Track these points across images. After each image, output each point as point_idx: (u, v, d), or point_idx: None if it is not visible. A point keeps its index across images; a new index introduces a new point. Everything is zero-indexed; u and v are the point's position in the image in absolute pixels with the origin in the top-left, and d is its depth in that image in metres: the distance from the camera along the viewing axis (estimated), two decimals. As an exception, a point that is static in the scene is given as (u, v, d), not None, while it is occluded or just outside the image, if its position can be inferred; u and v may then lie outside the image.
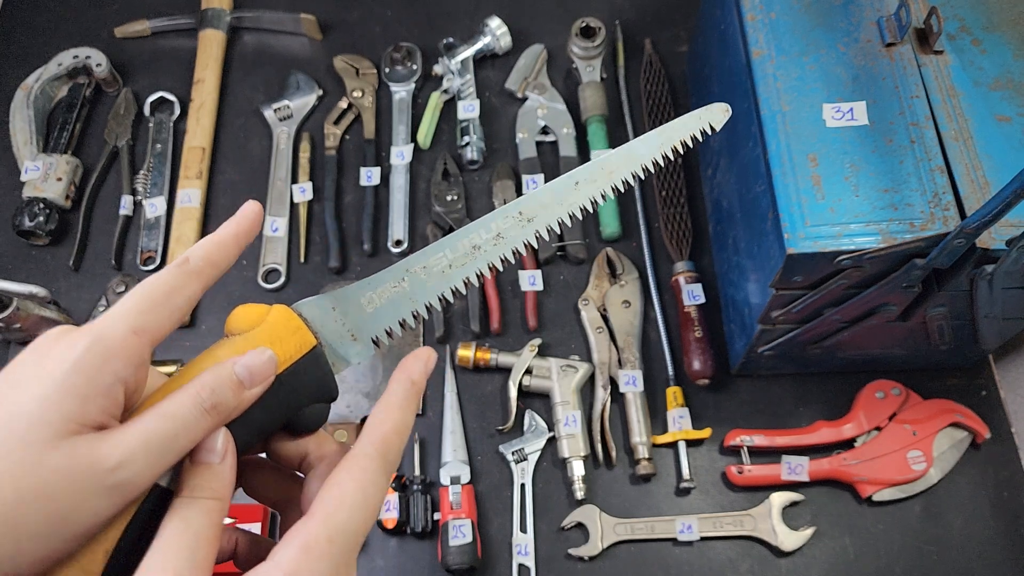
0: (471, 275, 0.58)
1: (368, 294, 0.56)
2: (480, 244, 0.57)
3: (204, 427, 0.45)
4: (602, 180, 0.61)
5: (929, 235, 0.88)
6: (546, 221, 0.59)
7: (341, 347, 0.55)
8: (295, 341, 0.51)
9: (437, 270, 0.57)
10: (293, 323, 0.52)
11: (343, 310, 0.55)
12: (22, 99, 1.47)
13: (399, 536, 1.19)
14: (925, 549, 1.16)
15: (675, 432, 1.21)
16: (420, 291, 0.57)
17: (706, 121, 0.64)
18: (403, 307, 0.57)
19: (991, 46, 1.02)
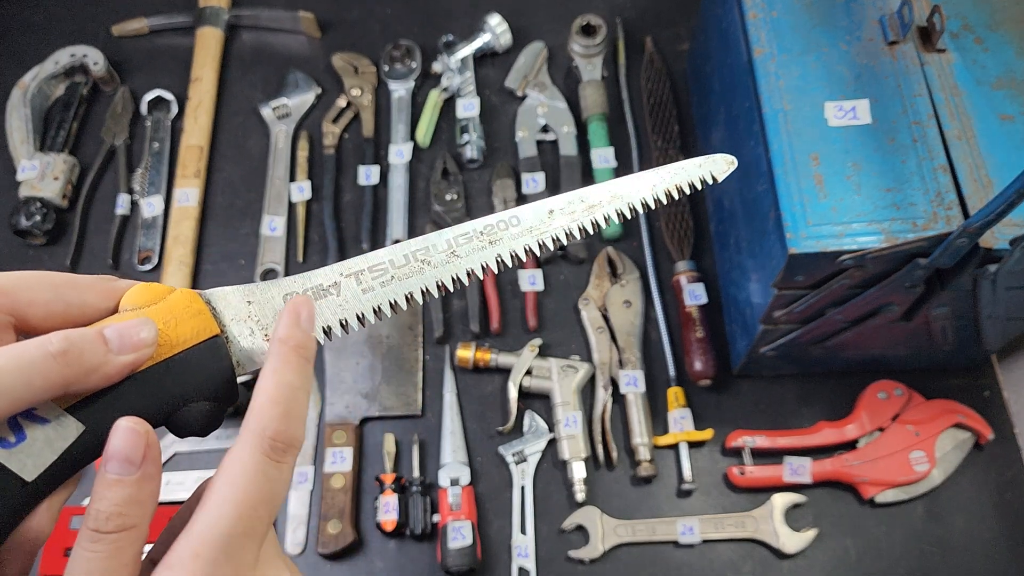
0: (415, 289, 0.53)
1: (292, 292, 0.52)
2: (430, 259, 0.53)
3: (51, 372, 0.40)
4: (580, 213, 0.56)
5: (932, 234, 0.88)
6: (510, 246, 0.55)
7: (250, 345, 0.50)
8: (193, 325, 0.47)
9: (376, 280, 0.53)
10: (195, 306, 0.48)
11: (260, 305, 0.51)
12: (19, 98, 1.46)
13: (398, 538, 1.18)
14: (928, 551, 1.15)
15: (676, 433, 1.21)
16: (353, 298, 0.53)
17: (707, 170, 0.60)
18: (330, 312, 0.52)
19: (994, 44, 1.01)
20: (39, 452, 0.42)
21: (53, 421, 0.42)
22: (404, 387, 1.27)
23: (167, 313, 0.47)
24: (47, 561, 1.12)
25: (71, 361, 0.41)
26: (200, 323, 0.48)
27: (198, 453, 1.24)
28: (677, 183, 0.59)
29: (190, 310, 0.48)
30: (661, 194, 0.58)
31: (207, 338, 0.48)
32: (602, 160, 1.39)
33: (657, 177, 0.59)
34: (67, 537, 1.13)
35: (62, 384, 0.41)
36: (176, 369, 0.46)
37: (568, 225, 0.56)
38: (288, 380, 0.47)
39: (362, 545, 1.18)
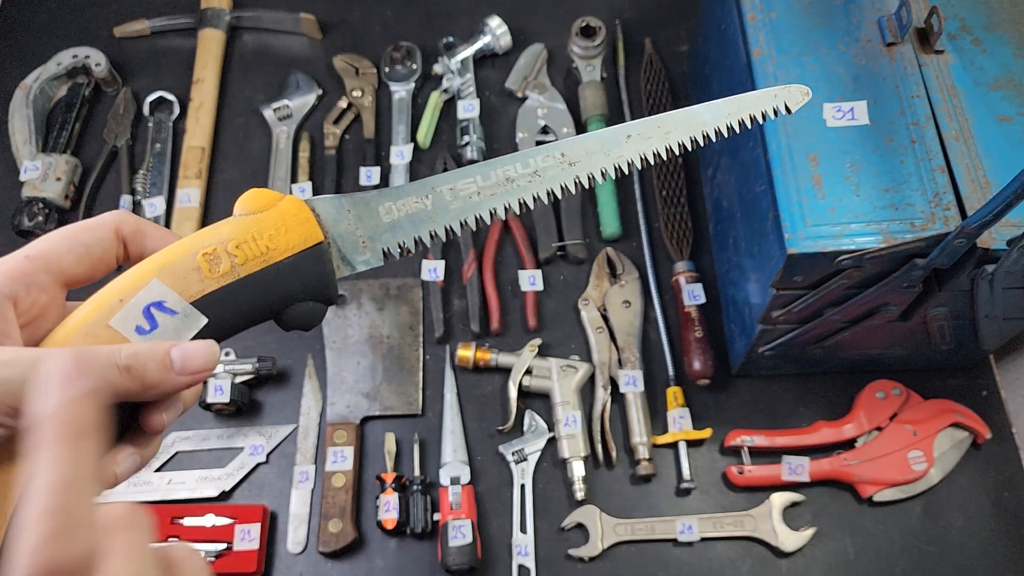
0: (498, 207, 0.56)
1: (388, 204, 0.55)
2: (515, 177, 0.56)
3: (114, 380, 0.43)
4: (656, 138, 0.58)
5: (930, 235, 0.88)
6: (588, 168, 0.57)
7: (349, 250, 0.54)
8: (301, 232, 0.51)
9: (464, 194, 0.56)
10: (303, 214, 0.52)
11: (359, 215, 0.54)
12: (21, 99, 1.47)
13: (399, 537, 1.19)
14: (926, 549, 1.16)
15: (675, 432, 1.21)
16: (442, 212, 0.55)
17: (781, 101, 0.61)
18: (422, 224, 0.55)
19: (992, 46, 1.02)
20: (168, 338, 0.47)
21: (180, 313, 0.48)
22: (405, 387, 1.28)
23: (278, 220, 0.51)
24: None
25: (134, 376, 0.44)
26: (307, 230, 0.51)
27: (199, 452, 1.24)
28: (751, 112, 0.60)
29: (298, 218, 0.51)
30: (735, 123, 0.59)
31: (313, 244, 0.51)
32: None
33: (732, 106, 0.59)
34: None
35: (123, 391, 0.43)
36: (285, 272, 0.50)
37: (643, 150, 0.58)
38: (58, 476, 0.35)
39: (363, 544, 1.19)
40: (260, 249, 0.50)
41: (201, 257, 0.48)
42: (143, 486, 1.21)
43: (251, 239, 0.50)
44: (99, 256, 0.50)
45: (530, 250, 1.35)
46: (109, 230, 0.50)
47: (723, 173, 1.22)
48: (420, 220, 0.55)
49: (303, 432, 1.25)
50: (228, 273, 0.49)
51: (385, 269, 1.36)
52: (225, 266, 0.49)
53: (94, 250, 0.49)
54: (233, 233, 0.49)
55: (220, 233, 0.49)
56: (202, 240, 0.49)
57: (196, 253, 0.48)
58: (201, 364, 0.46)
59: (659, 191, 1.37)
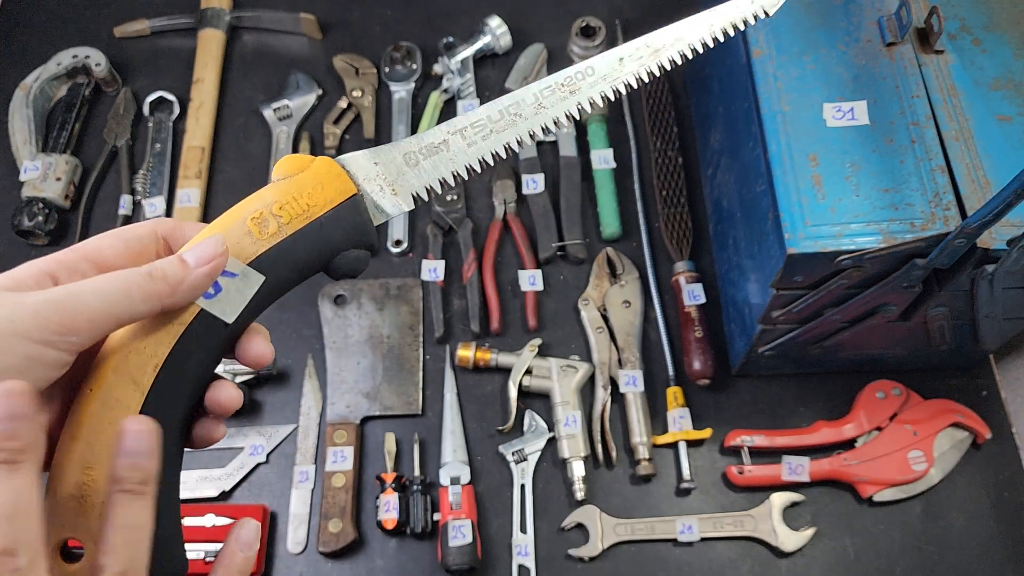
0: (511, 140, 0.60)
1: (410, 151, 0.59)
2: (521, 112, 0.60)
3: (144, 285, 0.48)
4: (647, 58, 0.61)
5: (930, 235, 0.88)
6: (588, 94, 0.60)
7: (381, 199, 0.58)
8: (336, 187, 0.55)
9: (478, 134, 0.60)
10: (335, 170, 0.56)
11: (385, 165, 0.58)
12: (21, 99, 1.47)
13: (399, 537, 1.19)
14: (926, 549, 1.16)
15: (675, 432, 1.21)
16: (461, 153, 0.60)
17: (759, 5, 0.64)
18: (443, 167, 0.59)
19: (992, 46, 1.02)
20: (233, 299, 0.52)
21: (240, 274, 0.52)
22: (405, 387, 1.28)
23: (313, 179, 0.55)
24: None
25: (157, 278, 0.49)
26: (341, 184, 0.55)
27: (199, 453, 1.24)
28: (732, 19, 0.63)
29: (331, 174, 0.55)
30: (719, 32, 0.62)
31: (348, 197, 0.55)
32: (601, 161, 1.39)
33: (713, 17, 0.62)
34: (69, 536, 1.13)
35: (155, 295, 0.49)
36: (327, 225, 0.54)
37: (637, 70, 0.61)
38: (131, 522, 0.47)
39: (363, 544, 1.19)
40: (302, 207, 0.54)
41: (250, 221, 0.52)
42: (143, 486, 1.21)
43: (292, 199, 0.53)
44: (137, 250, 0.54)
45: (530, 250, 1.35)
46: (148, 229, 0.55)
47: (723, 173, 1.22)
48: (441, 163, 0.59)
49: (303, 432, 1.25)
50: (276, 233, 0.53)
51: (385, 269, 1.36)
52: (273, 227, 0.53)
53: (132, 244, 0.54)
54: (276, 196, 0.53)
55: (264, 198, 0.53)
56: (249, 206, 0.53)
57: (245, 219, 0.52)
58: (212, 251, 0.50)
59: (659, 191, 1.37)
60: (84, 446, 0.47)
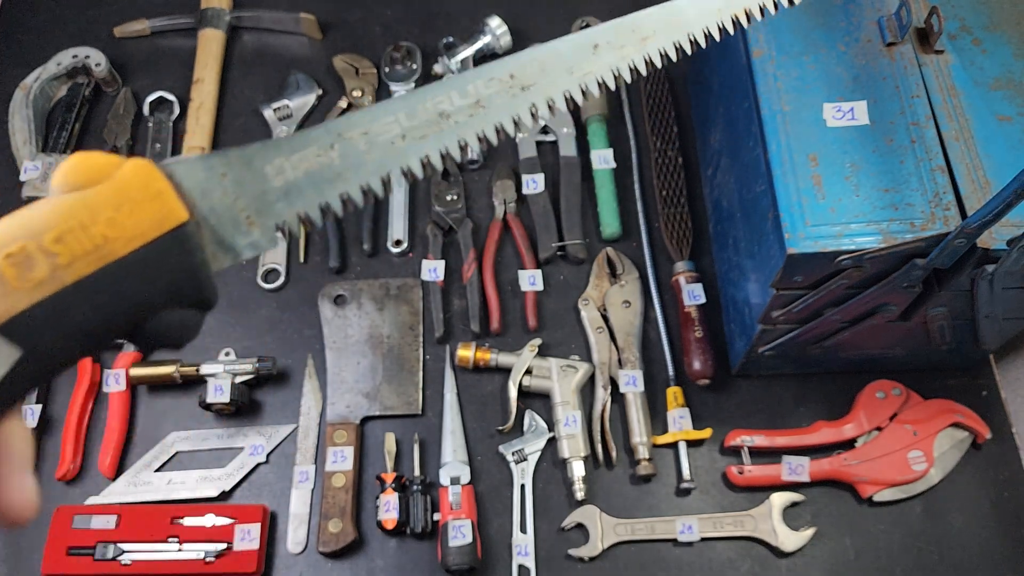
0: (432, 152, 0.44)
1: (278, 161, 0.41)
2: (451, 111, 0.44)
3: None
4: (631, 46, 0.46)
5: (930, 235, 0.88)
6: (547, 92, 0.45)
7: (228, 231, 0.40)
8: (155, 211, 0.37)
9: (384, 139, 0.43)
10: (156, 185, 0.37)
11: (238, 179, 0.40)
12: (21, 99, 1.46)
13: (399, 537, 1.19)
14: (925, 549, 1.16)
15: (675, 432, 1.21)
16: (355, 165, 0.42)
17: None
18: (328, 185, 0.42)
19: (992, 46, 1.02)
20: None
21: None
22: (405, 387, 1.28)
23: (117, 196, 0.36)
24: (49, 560, 1.12)
25: None
26: (163, 207, 0.37)
27: (198, 452, 1.24)
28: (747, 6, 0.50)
29: (149, 190, 0.37)
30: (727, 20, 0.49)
31: (173, 228, 0.37)
32: (601, 161, 1.39)
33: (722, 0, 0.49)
34: (70, 536, 1.13)
35: None
36: (135, 269, 0.36)
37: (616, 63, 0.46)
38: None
39: (363, 544, 1.19)
40: (94, 240, 0.36)
41: (3, 261, 0.34)
42: (143, 486, 1.21)
43: (79, 227, 0.35)
44: None
45: (530, 250, 1.35)
46: None
47: (723, 173, 1.22)
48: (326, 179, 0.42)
49: (303, 432, 1.25)
50: (47, 280, 0.35)
51: (385, 269, 1.36)
52: (42, 270, 0.35)
53: None
54: (52, 220, 0.35)
55: (31, 222, 0.35)
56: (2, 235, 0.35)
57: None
58: None
59: (659, 191, 1.37)
60: None
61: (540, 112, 0.46)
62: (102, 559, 1.13)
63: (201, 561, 1.13)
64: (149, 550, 1.14)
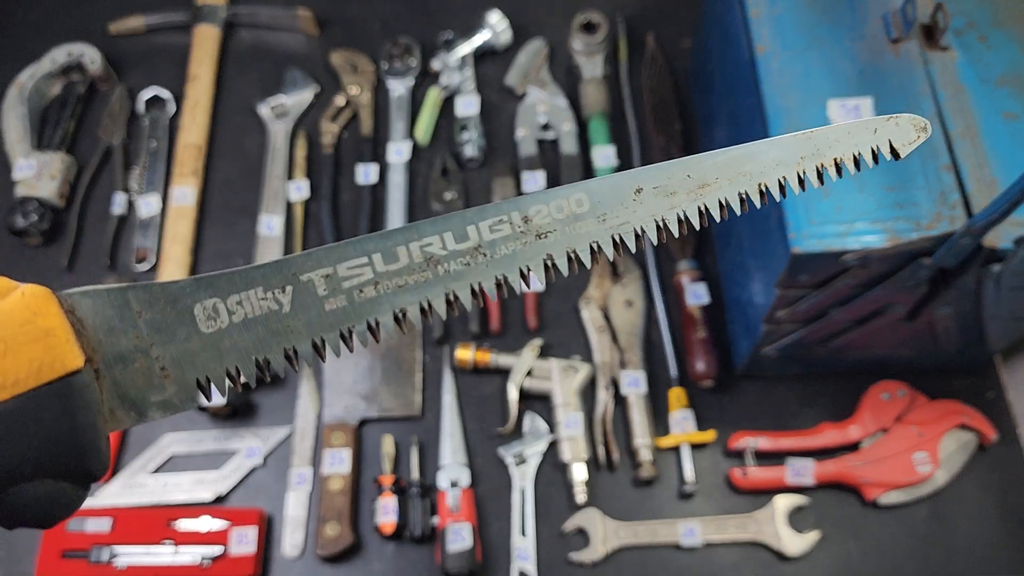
0: (411, 306, 0.36)
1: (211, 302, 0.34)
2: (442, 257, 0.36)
3: None
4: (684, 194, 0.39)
5: (936, 234, 0.87)
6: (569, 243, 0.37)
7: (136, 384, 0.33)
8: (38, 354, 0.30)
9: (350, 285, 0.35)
10: (43, 323, 0.31)
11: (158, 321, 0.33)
12: (15, 96, 1.45)
13: (397, 541, 1.17)
14: (931, 553, 1.14)
15: (678, 434, 1.20)
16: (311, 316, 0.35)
17: (885, 138, 0.40)
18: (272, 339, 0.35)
19: (998, 42, 1.00)
20: None
21: None
22: (403, 388, 1.26)
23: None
24: (43, 564, 1.11)
25: None
26: (49, 350, 0.31)
27: (195, 455, 1.23)
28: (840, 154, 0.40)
29: (33, 329, 0.31)
30: (812, 171, 0.41)
31: (61, 376, 0.31)
32: (603, 158, 1.38)
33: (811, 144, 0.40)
34: (64, 540, 1.12)
35: None
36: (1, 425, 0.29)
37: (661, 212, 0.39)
38: None
39: (361, 548, 1.17)
40: None
41: None
42: (138, 488, 1.20)
43: None
44: None
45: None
46: None
47: (726, 171, 1.20)
48: (271, 331, 0.35)
49: (300, 434, 1.23)
50: None
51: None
52: None
53: None
54: None
55: None
56: None
57: None
58: None
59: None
60: None
61: (559, 265, 0.38)
62: (97, 562, 1.12)
63: (197, 565, 1.12)
64: (144, 553, 1.12)
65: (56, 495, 0.30)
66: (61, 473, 0.30)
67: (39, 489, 0.30)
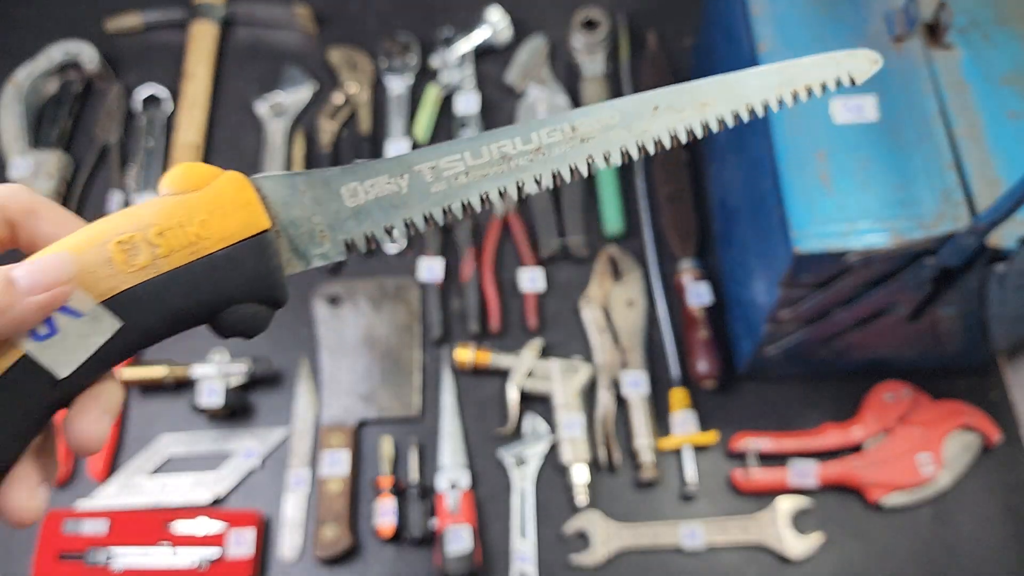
0: (491, 190, 0.48)
1: (353, 184, 0.47)
2: (513, 155, 0.47)
3: None
4: (690, 110, 0.50)
5: (939, 233, 0.87)
6: (605, 146, 0.49)
7: (303, 241, 0.46)
8: (242, 218, 0.43)
9: (449, 174, 0.47)
10: (245, 195, 0.44)
11: (316, 197, 0.46)
12: (12, 94, 1.44)
13: (396, 543, 1.17)
14: (935, 555, 1.14)
15: (680, 436, 1.19)
16: (421, 196, 0.47)
17: (845, 69, 0.52)
18: (394, 211, 0.47)
19: (1001, 40, 1.00)
20: (72, 347, 0.40)
21: (87, 315, 0.40)
22: (402, 389, 1.25)
23: (212, 202, 0.43)
24: (39, 565, 1.11)
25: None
26: (249, 216, 0.44)
27: (192, 457, 1.22)
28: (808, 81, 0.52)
29: (239, 200, 0.44)
30: (788, 94, 0.51)
31: (256, 233, 0.44)
32: (603, 157, 1.37)
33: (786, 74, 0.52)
34: (61, 541, 1.12)
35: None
36: (220, 266, 0.43)
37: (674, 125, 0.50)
38: None
39: (359, 550, 1.17)
40: (189, 238, 0.42)
41: (115, 246, 0.40)
42: (135, 489, 1.19)
43: (178, 225, 0.42)
44: None
45: (530, 248, 1.33)
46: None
47: (729, 170, 1.20)
48: (393, 205, 0.47)
49: (298, 436, 1.23)
50: (148, 267, 0.41)
51: (382, 268, 1.34)
52: (144, 257, 0.41)
53: None
54: (157, 217, 0.41)
55: (140, 217, 0.41)
56: (117, 225, 0.41)
57: (108, 240, 0.40)
58: (54, 276, 0.39)
59: (663, 188, 1.35)
60: None
61: (596, 163, 0.49)
62: (94, 564, 1.11)
63: (195, 568, 1.11)
64: (141, 555, 1.12)
65: (256, 314, 0.44)
66: (259, 299, 0.44)
67: (246, 310, 0.44)
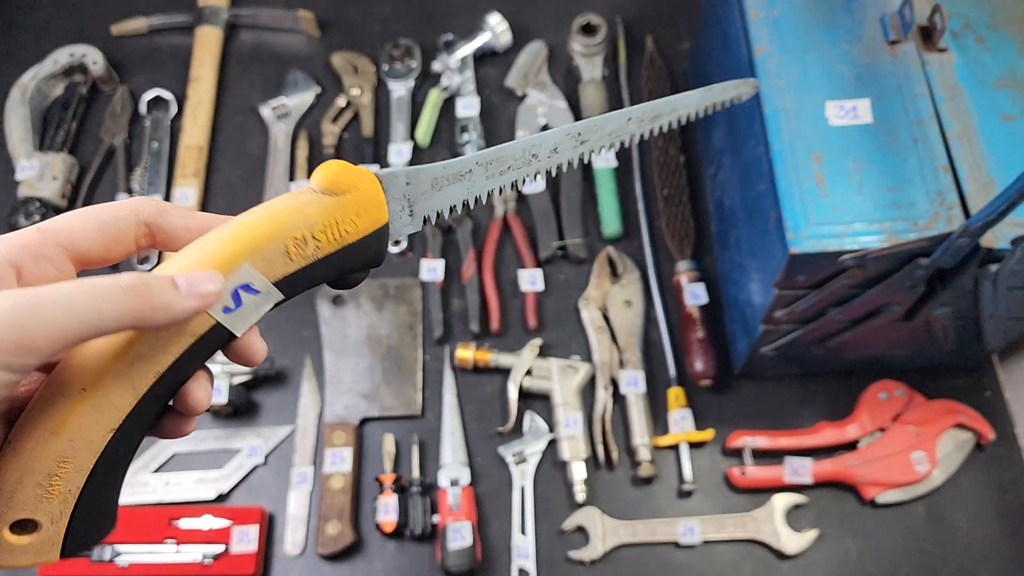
0: (520, 178, 0.62)
1: (438, 177, 0.58)
2: (538, 154, 0.62)
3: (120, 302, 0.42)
4: (647, 121, 0.67)
5: (933, 234, 0.87)
6: (596, 144, 0.65)
7: (398, 220, 0.57)
8: (373, 215, 0.53)
9: (498, 168, 0.61)
10: (379, 198, 0.54)
11: (415, 186, 0.57)
12: (18, 97, 1.46)
13: (398, 539, 1.18)
14: (928, 551, 1.15)
15: (677, 434, 1.20)
16: (479, 183, 0.60)
17: (738, 92, 0.73)
18: (460, 194, 0.60)
19: (995, 44, 1.01)
20: (249, 314, 0.49)
21: (263, 292, 0.49)
22: (404, 387, 1.27)
23: (359, 204, 0.53)
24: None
25: (140, 295, 0.43)
26: (378, 213, 0.54)
27: (197, 454, 1.23)
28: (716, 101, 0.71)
29: (374, 202, 0.54)
30: (704, 109, 0.71)
31: (380, 226, 0.54)
32: (602, 160, 1.39)
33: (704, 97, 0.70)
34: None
35: (130, 315, 0.43)
36: (355, 251, 0.53)
37: (639, 131, 0.66)
38: None
39: (361, 546, 1.18)
40: (340, 233, 0.52)
41: (290, 241, 0.50)
42: (140, 487, 1.20)
43: (334, 223, 0.52)
44: (113, 234, 0.49)
45: (530, 249, 1.34)
46: (127, 210, 0.50)
47: (725, 172, 1.21)
48: (460, 190, 0.59)
49: (301, 433, 1.24)
50: (309, 256, 0.51)
51: (384, 269, 1.35)
52: (309, 249, 0.51)
53: (109, 228, 0.49)
54: (320, 217, 0.51)
55: (308, 217, 0.51)
56: (291, 224, 0.50)
57: (285, 238, 0.50)
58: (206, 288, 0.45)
59: (660, 190, 1.37)
60: (65, 442, 0.45)
61: (584, 158, 0.65)
62: (99, 561, 1.12)
63: (199, 563, 1.12)
64: (146, 552, 1.13)
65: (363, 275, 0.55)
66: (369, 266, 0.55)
67: (360, 275, 0.55)
